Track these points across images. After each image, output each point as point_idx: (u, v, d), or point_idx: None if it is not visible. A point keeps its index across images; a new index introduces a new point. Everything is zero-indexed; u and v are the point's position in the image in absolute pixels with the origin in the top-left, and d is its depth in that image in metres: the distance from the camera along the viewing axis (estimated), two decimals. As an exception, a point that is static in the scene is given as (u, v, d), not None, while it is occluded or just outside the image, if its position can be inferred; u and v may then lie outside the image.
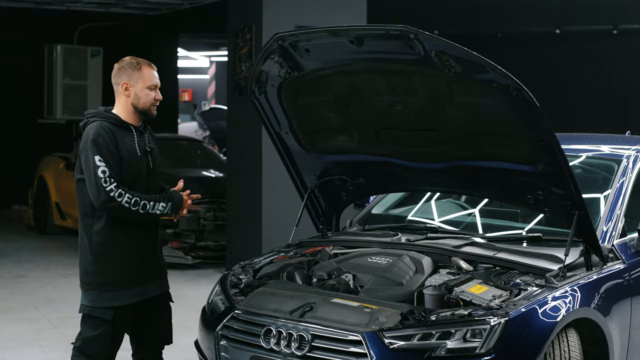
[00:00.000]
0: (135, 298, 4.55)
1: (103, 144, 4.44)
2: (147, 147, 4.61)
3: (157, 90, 4.60)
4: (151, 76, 4.58)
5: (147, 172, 4.61)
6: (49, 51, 14.17)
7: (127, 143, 4.53)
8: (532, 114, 4.21)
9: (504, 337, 3.94)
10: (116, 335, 4.54)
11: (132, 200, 4.43)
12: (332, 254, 5.10)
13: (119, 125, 4.55)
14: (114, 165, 4.44)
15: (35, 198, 12.20)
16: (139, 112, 4.59)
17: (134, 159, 4.53)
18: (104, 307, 4.49)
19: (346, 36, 4.37)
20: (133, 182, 4.52)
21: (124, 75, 4.57)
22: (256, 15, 8.81)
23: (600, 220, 4.89)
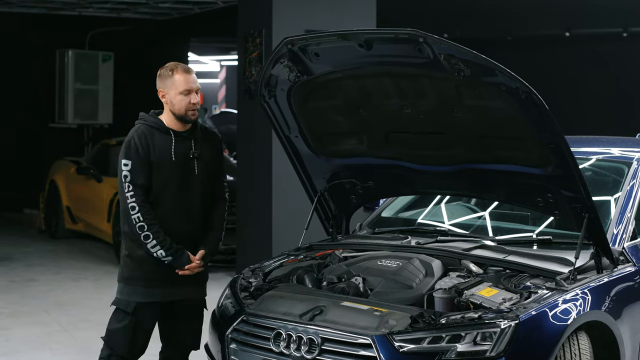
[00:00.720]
0: (158, 297, 4.62)
1: (133, 147, 4.54)
2: (192, 153, 4.64)
3: (192, 95, 4.62)
4: (183, 81, 4.61)
5: (188, 178, 4.62)
6: (60, 56, 14.21)
7: (162, 147, 4.58)
8: (541, 116, 4.21)
9: (514, 340, 3.93)
10: (138, 330, 4.61)
11: (139, 224, 4.51)
12: (342, 257, 5.10)
13: (158, 129, 4.60)
14: (141, 169, 4.51)
15: (46, 202, 12.23)
16: (177, 117, 4.63)
17: (167, 164, 4.57)
18: (126, 300, 4.61)
19: (355, 40, 4.37)
20: (163, 186, 4.58)
21: (160, 83, 4.66)
22: (266, 20, 8.82)
23: (610, 223, 4.88)
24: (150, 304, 4.62)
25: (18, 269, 9.92)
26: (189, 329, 4.80)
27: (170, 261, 4.58)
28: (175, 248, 4.58)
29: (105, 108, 14.33)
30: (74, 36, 14.43)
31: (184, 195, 4.64)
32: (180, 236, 4.64)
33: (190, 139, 4.67)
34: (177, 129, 4.66)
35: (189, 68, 4.69)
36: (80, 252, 11.00)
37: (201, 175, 4.69)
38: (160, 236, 4.53)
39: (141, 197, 4.52)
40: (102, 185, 10.78)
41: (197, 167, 4.66)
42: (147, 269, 4.60)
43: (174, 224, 4.62)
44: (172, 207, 4.62)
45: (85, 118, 14.21)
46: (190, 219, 4.68)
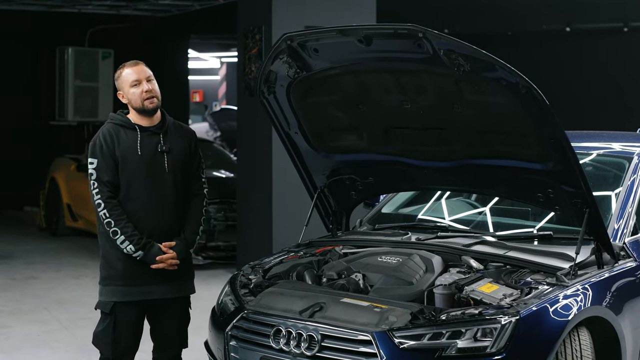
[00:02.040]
0: (137, 296, 4.59)
1: (98, 145, 4.55)
2: (160, 147, 4.61)
3: (143, 83, 4.58)
4: (130, 74, 4.60)
5: (156, 174, 4.59)
6: (60, 53, 14.21)
7: (128, 143, 4.56)
8: (541, 111, 4.19)
9: (514, 336, 3.92)
10: (120, 330, 4.59)
11: (107, 220, 4.51)
12: (341, 253, 5.09)
13: (124, 125, 4.59)
14: (106, 166, 4.51)
15: (46, 199, 12.23)
16: (137, 111, 4.61)
17: (132, 159, 4.55)
18: (105, 301, 4.61)
19: (355, 36, 4.36)
20: (130, 183, 4.55)
21: (117, 85, 4.67)
22: (266, 16, 8.80)
23: (611, 218, 4.86)
24: (129, 303, 4.58)
25: (18, 267, 9.91)
26: (174, 327, 4.74)
27: (141, 256, 4.53)
28: (144, 242, 4.53)
29: (105, 105, 14.31)
30: (73, 33, 14.42)
31: (154, 190, 4.59)
32: (155, 232, 4.59)
33: (158, 134, 4.63)
34: (145, 125, 4.62)
35: (137, 61, 4.66)
36: (80, 250, 11.00)
37: (173, 171, 4.63)
38: (128, 231, 4.49)
39: (107, 194, 4.50)
40: (102, 183, 10.76)
41: (167, 162, 4.61)
42: (124, 268, 4.56)
43: (147, 220, 4.57)
44: (143, 202, 4.57)
45: (85, 115, 14.21)
46: (162, 215, 4.62)
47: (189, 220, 4.71)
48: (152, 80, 4.61)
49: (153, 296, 4.63)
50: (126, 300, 4.58)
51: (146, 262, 4.56)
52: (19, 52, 14.29)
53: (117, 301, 4.58)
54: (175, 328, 4.74)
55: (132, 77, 4.59)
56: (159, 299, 4.64)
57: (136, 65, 4.62)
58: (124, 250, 4.52)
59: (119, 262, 4.57)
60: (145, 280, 4.59)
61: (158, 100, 4.62)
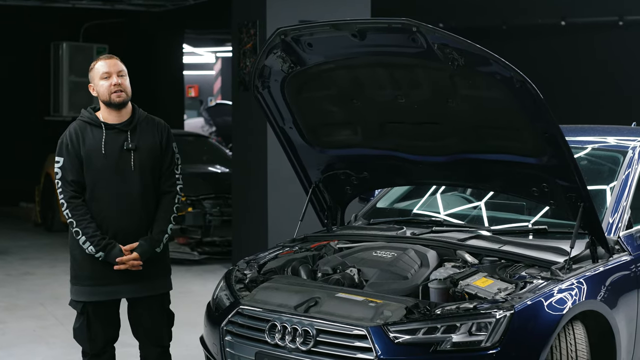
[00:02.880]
0: (104, 296, 4.58)
1: (64, 144, 4.54)
2: (126, 145, 4.55)
3: (113, 77, 4.56)
4: (101, 66, 4.60)
5: (122, 172, 4.54)
6: (54, 49, 14.18)
7: (93, 141, 4.52)
8: (536, 106, 4.19)
9: (509, 331, 3.93)
10: (94, 328, 4.60)
11: (69, 219, 4.50)
12: (336, 248, 5.09)
13: (91, 123, 4.57)
14: (70, 165, 4.50)
15: (42, 195, 12.22)
16: (106, 104, 4.59)
17: (97, 158, 4.51)
18: (75, 300, 4.62)
19: (348, 30, 4.35)
20: (95, 181, 4.51)
21: (90, 79, 4.67)
22: (260, 11, 8.80)
23: (606, 212, 4.86)
24: (97, 302, 4.58)
25: (14, 263, 9.91)
26: (153, 326, 4.73)
27: (102, 257, 4.49)
28: (105, 243, 4.49)
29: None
30: (68, 29, 14.40)
31: (120, 189, 4.53)
32: (120, 232, 4.55)
33: (125, 132, 4.58)
34: (112, 122, 4.58)
35: (111, 55, 4.67)
36: (76, 245, 10.98)
37: (140, 169, 4.56)
38: (89, 232, 4.45)
39: (70, 194, 4.48)
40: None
41: (133, 160, 4.55)
42: (91, 268, 4.54)
43: (112, 220, 4.54)
44: (109, 202, 4.53)
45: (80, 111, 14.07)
46: (130, 214, 4.56)
47: (157, 219, 4.63)
48: (124, 76, 4.59)
49: (120, 296, 4.63)
50: (94, 300, 4.58)
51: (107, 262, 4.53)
52: (14, 47, 14.26)
53: (85, 301, 4.58)
54: (152, 326, 4.72)
55: (103, 69, 4.58)
56: (136, 298, 4.63)
57: (109, 59, 4.62)
58: (86, 251, 4.49)
59: (86, 262, 4.54)
60: (112, 280, 4.56)
61: (127, 95, 4.58)
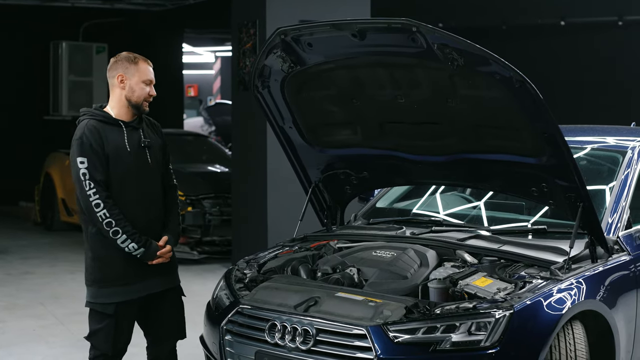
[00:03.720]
0: (136, 294, 4.57)
1: (86, 143, 4.45)
2: (142, 142, 4.59)
3: (151, 86, 4.60)
4: (147, 71, 4.59)
5: (143, 169, 4.58)
6: (54, 48, 14.19)
7: (116, 140, 4.52)
8: (535, 106, 4.20)
9: (508, 330, 3.93)
10: (120, 328, 4.57)
11: (106, 220, 4.42)
12: (336, 248, 5.10)
13: (107, 122, 4.54)
14: (98, 164, 4.44)
15: (41, 194, 12.23)
16: (132, 105, 4.57)
17: (123, 156, 4.52)
18: (104, 303, 4.53)
19: (348, 30, 4.35)
20: (122, 179, 4.51)
21: (120, 67, 4.59)
22: (260, 10, 8.80)
23: (605, 212, 4.87)
24: (129, 301, 4.57)
25: (14, 262, 9.92)
26: (173, 319, 4.75)
27: (141, 253, 4.51)
28: (145, 239, 4.51)
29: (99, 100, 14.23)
30: (67, 28, 14.41)
31: (144, 185, 4.58)
32: (145, 227, 4.57)
33: (138, 129, 4.62)
34: (126, 120, 4.60)
35: (148, 60, 4.66)
36: (76, 245, 10.99)
37: (153, 164, 4.64)
38: (129, 230, 4.45)
39: (104, 193, 4.43)
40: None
41: (149, 156, 4.61)
42: (120, 268, 4.52)
43: (139, 216, 4.55)
44: (136, 199, 4.55)
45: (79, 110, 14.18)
46: (153, 209, 4.62)
47: (171, 211, 4.72)
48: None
49: (150, 291, 4.62)
50: (127, 299, 4.55)
51: (144, 259, 4.53)
52: (13, 47, 14.27)
53: (118, 302, 4.54)
54: (175, 319, 4.75)
55: (149, 76, 4.59)
56: (155, 293, 4.64)
57: (150, 65, 4.63)
58: (125, 249, 4.46)
59: (116, 262, 4.52)
60: (142, 277, 4.58)
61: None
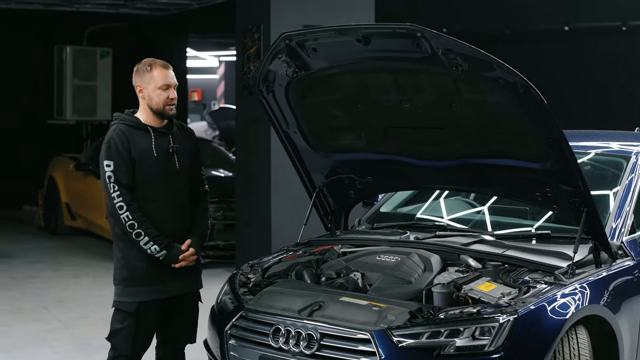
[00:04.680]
0: (159, 294, 4.63)
1: (113, 147, 4.55)
2: (171, 147, 4.65)
3: (171, 90, 4.63)
4: (162, 76, 4.62)
5: (171, 173, 4.64)
6: (58, 52, 14.20)
7: (143, 144, 4.59)
8: (539, 111, 4.20)
9: (512, 335, 3.94)
10: (141, 329, 4.63)
11: (129, 222, 4.51)
12: (340, 252, 5.10)
13: (136, 127, 4.62)
14: (124, 168, 4.53)
15: (45, 199, 12.23)
16: (154, 112, 4.65)
17: (150, 161, 4.58)
18: (128, 301, 4.61)
19: (353, 35, 4.37)
20: (149, 184, 4.59)
21: (137, 78, 4.67)
22: (264, 15, 8.81)
23: (609, 217, 4.88)
24: (151, 302, 4.63)
25: (18, 266, 9.92)
26: (186, 323, 4.80)
27: (164, 255, 4.56)
28: (167, 242, 4.57)
29: (103, 104, 14.32)
30: (72, 32, 14.42)
31: (171, 190, 4.64)
32: (173, 231, 4.64)
33: (167, 134, 4.67)
34: (155, 126, 4.66)
35: (167, 64, 4.70)
36: (79, 249, 11.00)
37: (182, 169, 4.69)
38: (152, 232, 4.52)
39: (127, 196, 4.52)
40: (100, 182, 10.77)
41: (177, 161, 4.66)
42: (145, 268, 4.59)
43: (167, 220, 4.62)
44: (163, 203, 4.62)
45: (83, 114, 14.21)
46: (180, 213, 4.69)
47: (200, 216, 4.78)
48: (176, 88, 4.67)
49: (173, 293, 4.68)
50: (150, 299, 4.61)
51: (166, 261, 4.59)
52: (17, 51, 14.28)
53: (141, 301, 4.60)
54: (190, 322, 4.81)
55: (164, 80, 4.62)
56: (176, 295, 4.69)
57: (167, 68, 4.66)
58: (148, 251, 4.53)
59: (140, 262, 4.59)
60: (165, 279, 4.64)
61: (175, 107, 4.68)
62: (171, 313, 4.75)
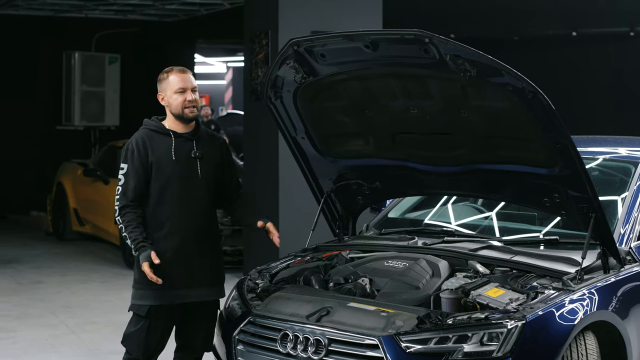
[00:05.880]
0: (167, 300, 4.65)
1: (129, 150, 4.68)
2: (193, 153, 4.70)
3: (188, 92, 4.69)
4: (177, 80, 4.69)
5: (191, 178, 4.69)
6: (67, 58, 14.24)
7: (161, 149, 4.67)
8: (547, 116, 4.20)
9: (521, 341, 3.93)
10: (153, 333, 4.66)
11: (120, 226, 4.67)
12: (348, 258, 5.11)
13: (158, 131, 4.70)
14: (134, 172, 4.63)
15: (53, 204, 12.26)
16: (176, 117, 4.72)
17: (167, 164, 4.65)
18: (139, 304, 4.66)
19: (361, 41, 4.37)
20: (165, 186, 4.66)
21: (159, 87, 4.77)
22: (272, 21, 8.82)
23: (617, 223, 4.87)
24: (164, 306, 4.65)
25: (26, 272, 9.94)
26: (201, 330, 4.81)
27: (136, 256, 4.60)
28: (140, 246, 4.57)
29: (112, 110, 14.36)
30: (80, 38, 14.46)
31: (187, 193, 4.68)
32: (193, 235, 4.69)
33: (191, 140, 4.73)
34: (179, 131, 4.73)
35: (184, 69, 4.77)
36: (87, 254, 11.02)
37: (205, 176, 4.73)
38: (132, 235, 4.58)
39: (124, 202, 4.64)
40: (109, 188, 10.79)
41: (200, 168, 4.70)
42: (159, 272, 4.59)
43: (184, 223, 4.67)
44: (180, 207, 4.67)
45: (92, 120, 14.25)
46: (194, 217, 4.71)
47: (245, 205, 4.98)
48: (196, 91, 4.73)
49: (188, 299, 4.70)
50: (159, 304, 4.64)
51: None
52: (26, 57, 14.33)
53: (151, 305, 4.64)
54: (204, 331, 4.82)
55: (179, 84, 4.69)
56: (193, 302, 4.71)
57: (184, 73, 4.72)
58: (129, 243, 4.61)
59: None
60: (181, 284, 4.66)
61: (197, 110, 4.74)
62: (190, 319, 4.77)
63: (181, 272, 4.67)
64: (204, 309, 4.78)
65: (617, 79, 14.36)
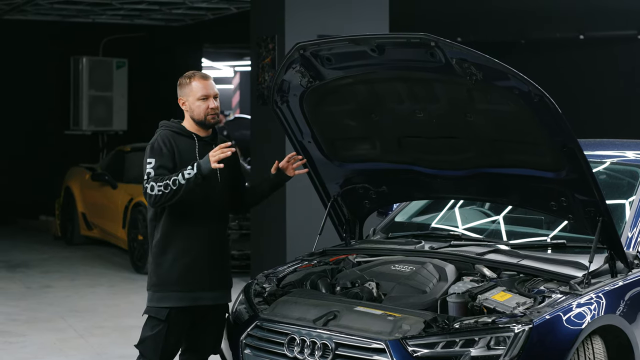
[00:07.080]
0: (188, 302, 4.65)
1: (157, 148, 4.63)
2: None
3: (211, 100, 4.69)
4: (200, 87, 4.69)
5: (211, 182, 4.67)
6: (74, 63, 14.29)
7: (186, 150, 4.67)
8: (554, 120, 4.20)
9: (528, 345, 3.93)
10: (170, 335, 4.64)
11: (162, 184, 4.47)
12: (355, 262, 5.11)
13: (181, 133, 4.70)
14: (167, 163, 4.57)
15: (61, 208, 12.29)
16: (197, 123, 4.72)
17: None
18: (158, 307, 4.64)
19: (367, 45, 4.38)
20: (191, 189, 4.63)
21: (180, 91, 4.76)
22: (278, 25, 8.83)
23: (625, 227, 4.86)
24: (182, 308, 4.65)
25: (34, 276, 9.97)
26: (213, 333, 4.81)
27: (197, 166, 4.47)
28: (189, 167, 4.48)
29: (119, 114, 14.39)
30: (88, 43, 14.51)
31: (208, 197, 4.69)
32: (211, 237, 4.70)
33: (211, 144, 4.74)
34: (200, 135, 4.74)
35: (206, 75, 4.77)
36: (95, 259, 11.04)
37: (223, 180, 4.75)
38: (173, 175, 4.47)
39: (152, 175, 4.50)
40: (117, 192, 10.82)
41: (219, 171, 4.69)
42: (177, 274, 4.62)
43: (200, 224, 4.66)
44: (200, 208, 4.66)
45: (99, 125, 14.28)
46: (217, 220, 4.73)
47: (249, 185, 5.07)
48: (217, 97, 4.73)
49: (204, 302, 4.70)
50: (180, 305, 4.64)
51: (204, 170, 4.48)
52: (34, 62, 14.37)
53: (172, 307, 4.63)
54: (214, 334, 4.82)
55: (203, 91, 4.69)
56: (206, 305, 4.71)
57: (206, 79, 4.73)
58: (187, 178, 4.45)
59: (173, 268, 4.63)
60: (198, 286, 4.66)
61: (218, 117, 4.74)
62: (200, 322, 4.77)
63: (201, 273, 4.67)
64: (215, 312, 4.78)
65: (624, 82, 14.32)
